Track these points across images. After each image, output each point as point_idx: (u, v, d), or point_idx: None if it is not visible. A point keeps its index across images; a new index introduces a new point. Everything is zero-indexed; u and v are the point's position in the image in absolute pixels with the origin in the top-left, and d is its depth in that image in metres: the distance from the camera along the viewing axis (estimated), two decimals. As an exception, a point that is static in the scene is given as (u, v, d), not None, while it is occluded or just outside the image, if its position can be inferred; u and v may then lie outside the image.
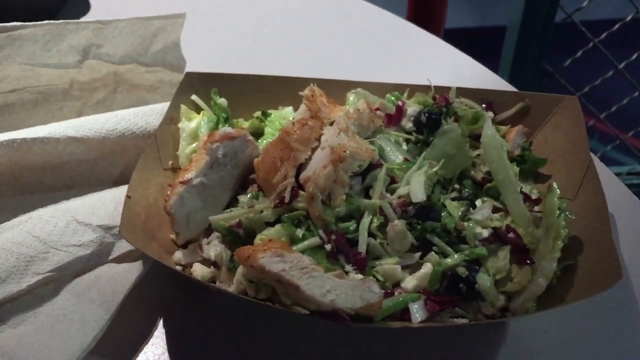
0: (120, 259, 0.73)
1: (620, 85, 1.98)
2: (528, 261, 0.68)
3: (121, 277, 0.71)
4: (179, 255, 0.72)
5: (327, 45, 1.21)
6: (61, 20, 0.84)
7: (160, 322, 0.72)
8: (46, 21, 0.83)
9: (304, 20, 1.28)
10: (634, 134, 2.09)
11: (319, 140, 0.75)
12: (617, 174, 2.14)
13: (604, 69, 1.94)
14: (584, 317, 0.73)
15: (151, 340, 0.70)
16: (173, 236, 0.74)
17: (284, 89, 0.89)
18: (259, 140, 0.83)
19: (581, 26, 1.89)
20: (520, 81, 1.95)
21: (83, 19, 1.19)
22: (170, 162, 0.81)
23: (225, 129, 0.75)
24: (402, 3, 2.07)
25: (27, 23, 0.81)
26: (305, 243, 0.68)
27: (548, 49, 1.95)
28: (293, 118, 0.81)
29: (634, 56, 1.93)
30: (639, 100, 1.98)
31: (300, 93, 0.81)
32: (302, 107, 0.80)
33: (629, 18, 1.91)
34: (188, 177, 0.71)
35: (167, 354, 0.69)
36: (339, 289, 0.62)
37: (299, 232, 0.69)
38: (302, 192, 0.71)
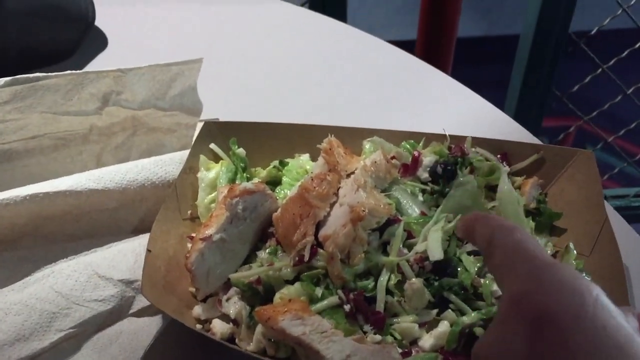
0: (140, 313, 0.73)
1: (630, 106, 2.02)
2: (544, 322, 0.69)
3: (142, 331, 0.71)
4: (198, 310, 0.73)
5: (343, 85, 1.23)
6: (83, 70, 0.85)
7: (180, 378, 0.73)
8: (69, 71, 0.84)
9: (321, 62, 1.30)
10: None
11: (337, 194, 0.76)
12: (625, 196, 2.19)
13: (612, 89, 1.99)
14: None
15: (171, 395, 0.71)
16: (193, 289, 0.74)
17: (300, 136, 0.90)
18: (277, 190, 0.84)
19: (591, 53, 1.91)
20: (528, 109, 1.97)
21: (100, 55, 1.21)
22: (189, 212, 0.83)
23: (245, 185, 0.76)
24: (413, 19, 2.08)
25: (50, 74, 0.82)
26: (325, 303, 0.69)
27: (556, 74, 1.97)
28: (312, 172, 0.81)
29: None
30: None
31: (318, 146, 0.82)
32: (320, 159, 0.81)
33: (637, 45, 1.92)
34: (208, 233, 0.72)
35: (186, 410, 0.70)
36: (358, 354, 0.63)
37: (318, 291, 0.70)
38: (320, 251, 0.71)
